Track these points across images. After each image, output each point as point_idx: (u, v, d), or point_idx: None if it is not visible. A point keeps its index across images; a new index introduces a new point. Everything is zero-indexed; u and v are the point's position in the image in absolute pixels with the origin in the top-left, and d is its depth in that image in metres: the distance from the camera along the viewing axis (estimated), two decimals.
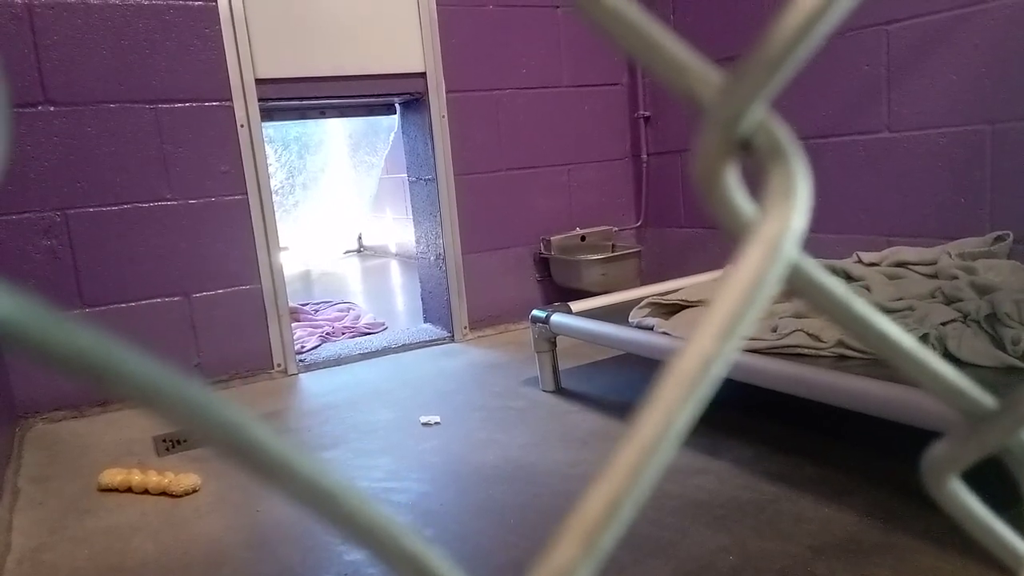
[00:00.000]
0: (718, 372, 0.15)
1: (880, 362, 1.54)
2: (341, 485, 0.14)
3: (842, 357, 1.60)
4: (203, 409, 0.13)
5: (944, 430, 0.21)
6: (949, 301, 1.69)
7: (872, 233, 2.40)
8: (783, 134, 0.17)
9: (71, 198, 2.31)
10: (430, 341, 2.95)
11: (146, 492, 1.74)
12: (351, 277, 5.07)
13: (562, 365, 2.30)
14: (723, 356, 0.15)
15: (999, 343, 1.48)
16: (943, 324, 1.58)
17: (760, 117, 0.17)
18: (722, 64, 0.18)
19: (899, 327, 0.19)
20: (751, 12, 2.67)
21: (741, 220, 0.17)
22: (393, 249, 5.76)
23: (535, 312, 2.26)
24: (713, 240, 3.04)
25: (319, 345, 2.99)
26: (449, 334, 2.99)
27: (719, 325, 0.15)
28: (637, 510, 0.14)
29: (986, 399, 0.20)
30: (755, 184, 0.19)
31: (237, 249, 2.55)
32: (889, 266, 2.03)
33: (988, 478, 0.48)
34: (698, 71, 0.17)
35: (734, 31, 2.74)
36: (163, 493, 1.72)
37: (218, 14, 2.43)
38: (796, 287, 0.17)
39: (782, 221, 0.16)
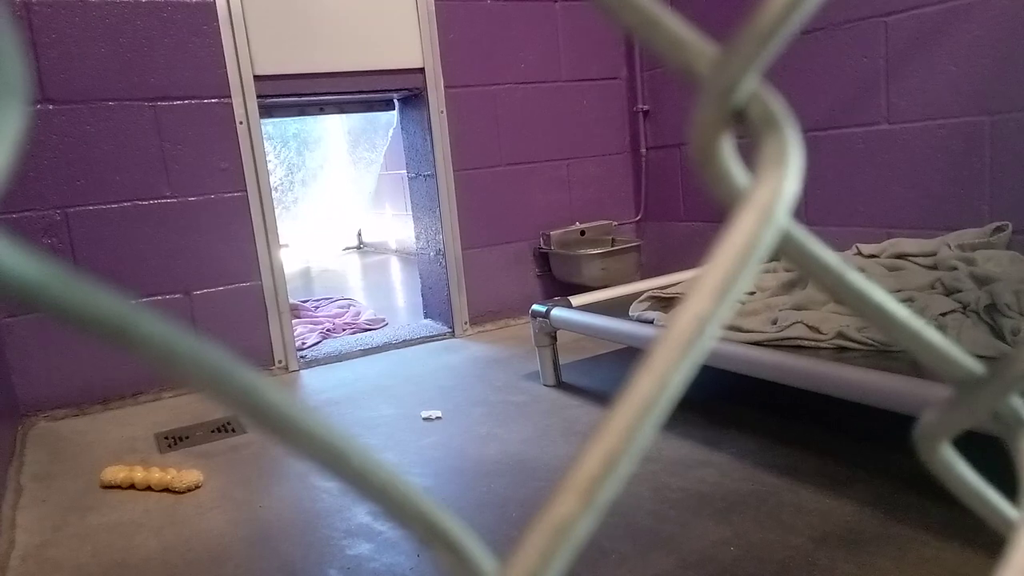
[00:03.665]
0: (712, 332, 0.16)
1: (879, 353, 1.55)
2: (353, 445, 0.14)
3: (842, 349, 1.61)
4: (221, 371, 0.13)
5: None
6: (949, 292, 1.69)
7: (871, 225, 2.40)
8: (776, 104, 0.17)
9: (71, 196, 2.32)
10: (431, 337, 2.96)
11: (148, 489, 1.75)
12: (351, 274, 5.08)
13: (562, 359, 2.30)
14: (717, 316, 0.16)
15: (999, 333, 1.48)
16: (943, 315, 1.58)
17: (753, 87, 0.17)
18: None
19: (889, 294, 0.20)
20: None
21: (736, 188, 0.17)
22: (393, 245, 5.77)
23: (535, 307, 2.26)
24: (713, 234, 3.04)
25: (320, 342, 2.99)
26: (449, 329, 3.00)
27: (713, 286, 0.16)
28: (633, 466, 0.14)
29: (976, 366, 0.20)
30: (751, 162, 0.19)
31: (237, 246, 2.55)
32: (889, 258, 2.03)
33: (982, 457, 0.49)
34: (695, 45, 0.17)
35: (730, 15, 2.74)
36: (165, 490, 1.73)
37: (216, 11, 2.43)
38: (788, 253, 0.18)
39: (775, 186, 0.17)
